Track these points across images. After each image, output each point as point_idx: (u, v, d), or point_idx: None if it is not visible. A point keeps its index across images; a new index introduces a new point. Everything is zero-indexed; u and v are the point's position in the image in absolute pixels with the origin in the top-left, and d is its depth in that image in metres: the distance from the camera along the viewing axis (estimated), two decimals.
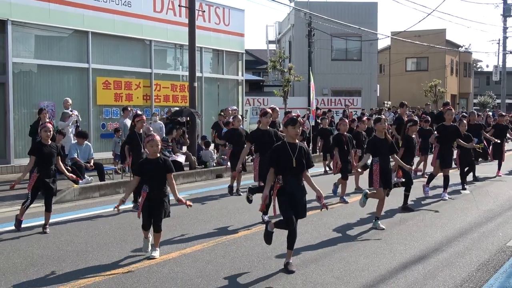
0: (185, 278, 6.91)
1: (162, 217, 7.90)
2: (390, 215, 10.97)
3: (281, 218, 7.22)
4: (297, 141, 7.32)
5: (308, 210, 11.23)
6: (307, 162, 7.26)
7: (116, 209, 7.80)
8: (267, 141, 10.38)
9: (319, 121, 24.00)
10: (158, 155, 7.97)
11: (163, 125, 18.65)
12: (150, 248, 8.01)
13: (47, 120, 14.24)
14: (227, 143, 13.95)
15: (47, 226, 9.59)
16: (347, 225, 10.01)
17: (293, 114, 7.74)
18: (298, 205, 7.20)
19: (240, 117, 14.78)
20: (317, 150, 21.93)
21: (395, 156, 10.23)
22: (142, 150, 11.30)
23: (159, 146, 7.94)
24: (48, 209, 9.66)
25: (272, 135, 10.71)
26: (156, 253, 7.88)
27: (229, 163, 13.63)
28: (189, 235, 9.28)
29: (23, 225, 9.67)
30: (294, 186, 7.20)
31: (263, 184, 8.60)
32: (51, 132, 9.71)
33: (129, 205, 11.50)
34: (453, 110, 13.79)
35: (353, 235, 9.27)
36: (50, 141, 9.70)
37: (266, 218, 10.00)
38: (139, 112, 13.93)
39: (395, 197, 11.91)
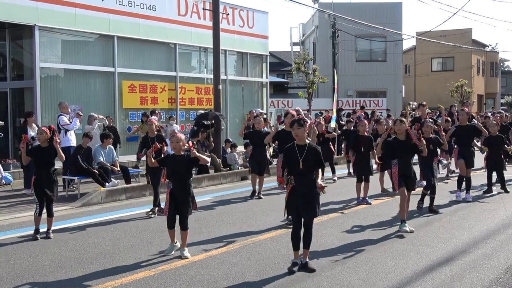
0: (211, 280, 6.95)
1: (188, 214, 8.04)
2: (416, 217, 10.89)
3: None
4: (307, 141, 7.35)
5: (332, 212, 11.38)
6: (318, 161, 7.25)
7: None
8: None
9: (343, 122, 23.94)
10: (182, 152, 8.09)
11: (178, 128, 18.77)
12: (173, 252, 8.09)
13: (34, 124, 14.40)
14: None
15: (50, 231, 9.48)
16: (372, 227, 9.96)
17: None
18: (306, 205, 7.23)
19: (262, 118, 14.74)
20: (342, 152, 21.96)
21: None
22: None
23: (181, 143, 8.06)
24: (49, 215, 9.53)
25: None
26: (187, 253, 7.99)
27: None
28: (215, 237, 9.32)
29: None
30: (304, 186, 7.24)
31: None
32: (47, 135, 9.43)
33: (144, 209, 11.59)
34: (466, 110, 13.71)
35: (378, 237, 9.22)
36: (48, 144, 9.47)
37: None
38: (152, 117, 14.06)
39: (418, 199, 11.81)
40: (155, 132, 11.72)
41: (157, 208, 11.25)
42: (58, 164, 15.82)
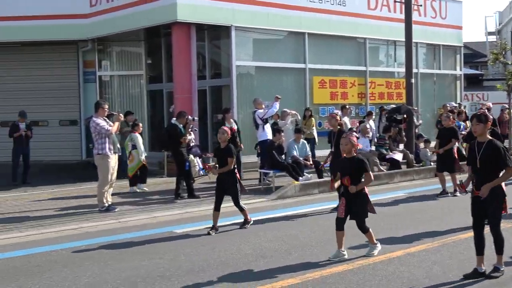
0: (411, 278, 6.81)
1: (359, 217, 7.75)
2: None
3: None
4: (489, 137, 6.86)
5: None
6: (499, 161, 6.67)
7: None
8: None
9: None
10: (354, 154, 7.84)
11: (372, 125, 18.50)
12: (339, 256, 7.72)
13: (232, 120, 14.91)
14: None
15: (246, 224, 9.82)
16: None
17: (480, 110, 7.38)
18: (487, 207, 6.76)
19: (450, 114, 14.19)
20: None
21: None
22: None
23: (350, 145, 7.78)
24: (239, 209, 9.83)
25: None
26: (374, 251, 7.81)
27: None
28: (411, 234, 9.12)
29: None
30: (481, 186, 6.77)
31: None
32: (227, 135, 9.68)
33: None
34: None
35: None
36: (225, 145, 9.65)
37: None
38: (335, 111, 14.12)
39: None
40: (337, 127, 11.63)
41: None
42: (250, 159, 16.66)
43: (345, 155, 7.93)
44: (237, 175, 9.85)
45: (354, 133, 8.35)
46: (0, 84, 20.94)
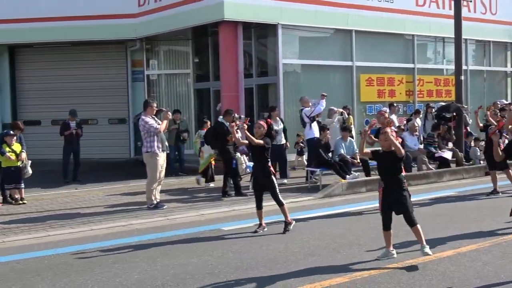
0: (462, 278, 6.69)
1: (407, 209, 7.45)
2: None
3: None
4: None
5: None
6: None
7: None
8: None
9: None
10: (392, 148, 7.52)
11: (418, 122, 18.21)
12: (388, 256, 7.56)
13: (278, 118, 14.93)
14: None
15: (287, 223, 9.50)
16: None
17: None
18: None
19: (496, 112, 13.91)
20: None
21: None
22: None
23: (389, 140, 7.49)
24: (278, 204, 9.57)
25: None
26: (428, 249, 7.46)
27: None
28: (462, 233, 8.96)
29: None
30: None
31: None
32: (264, 129, 9.58)
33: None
34: None
35: None
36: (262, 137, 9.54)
37: None
38: (383, 108, 14.00)
39: None
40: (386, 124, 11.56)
41: None
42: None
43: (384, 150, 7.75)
44: (271, 168, 9.68)
45: (392, 128, 8.22)
46: (51, 84, 21.43)
